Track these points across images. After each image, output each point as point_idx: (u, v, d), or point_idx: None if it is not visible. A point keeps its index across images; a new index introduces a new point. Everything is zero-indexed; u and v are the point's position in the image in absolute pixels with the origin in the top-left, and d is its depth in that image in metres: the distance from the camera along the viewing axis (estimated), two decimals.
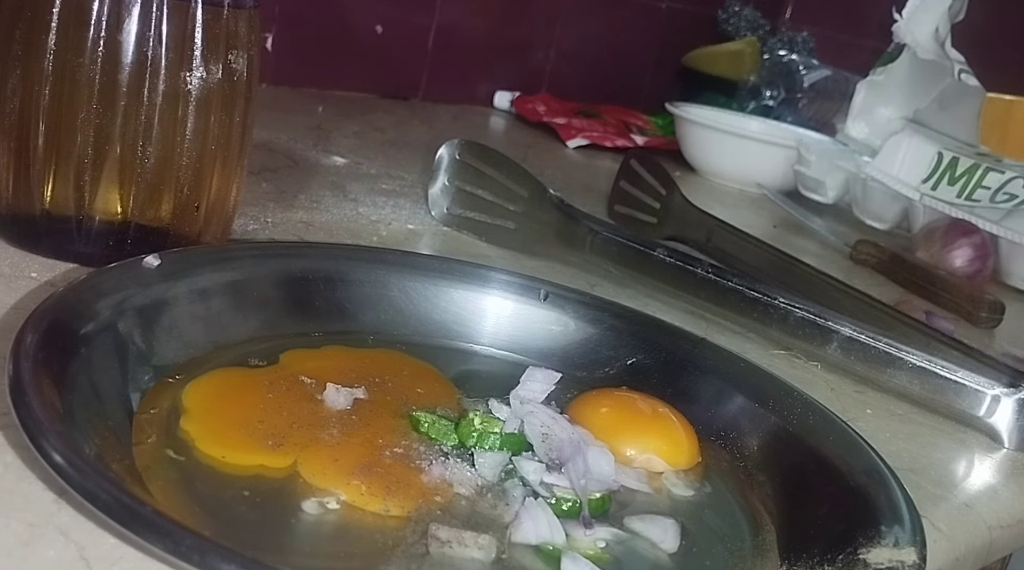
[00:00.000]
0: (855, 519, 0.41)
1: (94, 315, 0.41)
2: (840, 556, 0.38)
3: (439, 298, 0.54)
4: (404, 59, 1.23)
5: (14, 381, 0.34)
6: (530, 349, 0.54)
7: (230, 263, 0.50)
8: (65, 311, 0.40)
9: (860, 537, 0.39)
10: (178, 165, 0.51)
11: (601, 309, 0.56)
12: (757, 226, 0.96)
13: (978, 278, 0.91)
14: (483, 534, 0.37)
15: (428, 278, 0.54)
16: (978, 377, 0.57)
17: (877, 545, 0.38)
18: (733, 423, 0.49)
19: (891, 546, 0.38)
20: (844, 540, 0.39)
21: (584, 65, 1.42)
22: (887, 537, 0.39)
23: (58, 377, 0.36)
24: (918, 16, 1.06)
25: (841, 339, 0.60)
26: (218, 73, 0.51)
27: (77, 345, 0.39)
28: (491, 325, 0.54)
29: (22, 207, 0.51)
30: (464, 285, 0.55)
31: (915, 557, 0.38)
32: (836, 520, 0.42)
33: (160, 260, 0.46)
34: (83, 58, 0.48)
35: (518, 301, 0.55)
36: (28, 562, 0.30)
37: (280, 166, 0.81)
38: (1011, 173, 1.00)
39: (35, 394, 0.34)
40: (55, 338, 0.38)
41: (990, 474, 0.55)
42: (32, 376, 0.35)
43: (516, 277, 0.56)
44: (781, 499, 0.45)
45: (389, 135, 1.04)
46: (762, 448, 0.48)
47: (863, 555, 0.38)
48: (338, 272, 0.53)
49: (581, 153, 1.19)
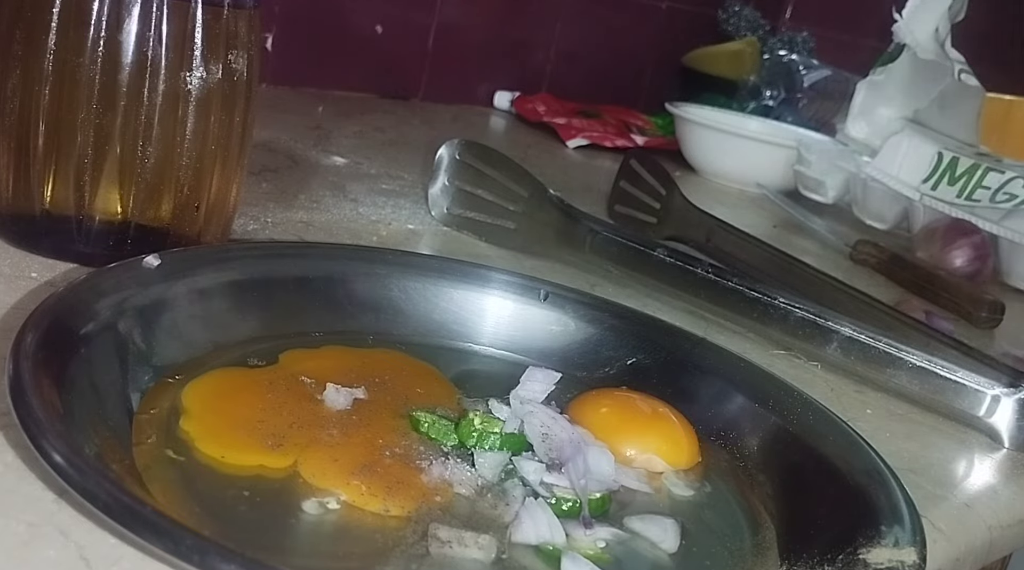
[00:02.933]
0: (855, 519, 0.41)
1: (94, 315, 0.41)
2: (840, 556, 0.38)
3: (439, 298, 0.54)
4: (404, 59, 1.23)
5: (14, 381, 0.34)
6: (530, 349, 0.54)
7: (230, 263, 0.50)
8: (65, 311, 0.40)
9: (860, 537, 0.39)
10: (178, 165, 0.51)
11: (601, 309, 0.56)
12: (757, 226, 0.96)
13: (978, 278, 0.91)
14: (483, 534, 0.37)
15: (428, 278, 0.54)
16: (978, 377, 0.57)
17: (877, 545, 0.38)
18: (733, 423, 0.49)
19: (891, 546, 0.38)
20: (844, 540, 0.39)
21: (584, 65, 1.42)
22: (887, 537, 0.39)
23: (58, 377, 0.36)
24: (918, 16, 1.06)
25: (841, 339, 0.60)
26: (218, 73, 0.51)
27: (77, 345, 0.39)
28: (491, 325, 0.54)
29: (22, 207, 0.51)
30: (464, 285, 0.55)
31: (915, 557, 0.38)
32: (836, 520, 0.42)
33: (160, 260, 0.46)
34: (83, 58, 0.48)
35: (518, 301, 0.55)
36: (28, 562, 0.30)
37: (280, 166, 0.81)
38: (1011, 173, 1.00)
39: (35, 394, 0.34)
40: (55, 338, 0.38)
41: (990, 474, 0.55)
42: (32, 376, 0.35)
43: (516, 277, 0.56)
44: (781, 499, 0.45)
45: (389, 135, 1.04)
46: (762, 448, 0.48)
47: (863, 555, 0.38)
48: (338, 272, 0.53)
49: (581, 153, 1.19)
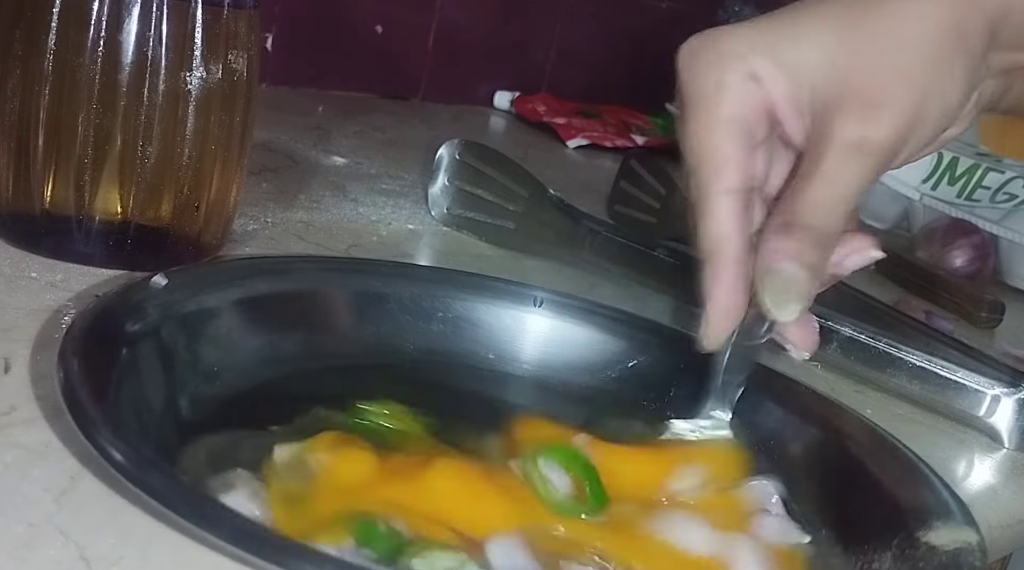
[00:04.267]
0: (907, 514, 0.41)
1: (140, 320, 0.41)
2: (895, 541, 0.39)
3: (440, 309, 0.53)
4: (404, 59, 1.22)
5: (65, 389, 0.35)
6: (527, 357, 0.53)
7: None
8: (111, 315, 0.40)
9: (917, 530, 0.39)
10: (178, 165, 0.51)
11: (598, 313, 0.55)
12: None
13: (978, 278, 0.91)
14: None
15: (425, 287, 0.53)
16: (978, 377, 0.57)
17: (934, 528, 0.39)
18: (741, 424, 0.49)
19: (948, 528, 0.39)
20: (902, 531, 0.39)
21: (584, 65, 1.42)
22: (943, 527, 0.39)
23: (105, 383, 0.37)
24: None
25: (841, 339, 0.60)
26: (218, 73, 0.51)
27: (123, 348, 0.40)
28: (485, 334, 0.53)
29: (22, 207, 0.51)
30: (460, 294, 0.53)
31: (976, 536, 0.38)
32: (888, 517, 0.42)
33: (167, 279, 0.44)
34: (83, 58, 0.48)
35: (511, 308, 0.54)
36: (28, 562, 0.30)
37: (280, 166, 0.80)
38: (1011, 173, 1.00)
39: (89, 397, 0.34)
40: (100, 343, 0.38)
41: (990, 474, 0.55)
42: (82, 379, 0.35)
43: (509, 284, 0.55)
44: (822, 506, 0.44)
45: (389, 135, 1.04)
46: (772, 450, 0.47)
47: (924, 538, 0.38)
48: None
49: (581, 153, 1.19)
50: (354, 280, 0.52)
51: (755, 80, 0.41)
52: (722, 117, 0.42)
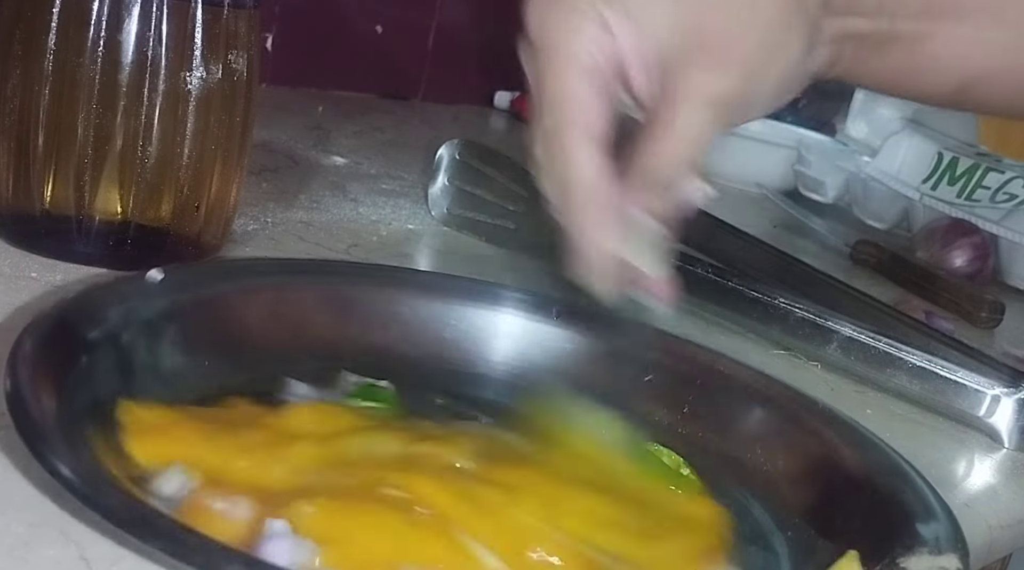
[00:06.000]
0: (891, 527, 0.40)
1: (100, 324, 0.40)
2: (877, 567, 0.37)
3: (449, 317, 0.51)
4: (404, 59, 1.22)
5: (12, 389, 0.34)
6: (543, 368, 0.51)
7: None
8: (71, 314, 0.39)
9: (898, 546, 0.38)
10: (178, 165, 0.51)
11: (615, 325, 0.54)
12: (757, 226, 0.96)
13: (978, 278, 0.91)
14: None
15: (437, 298, 0.52)
16: (978, 377, 0.57)
17: (917, 552, 0.37)
18: (757, 438, 0.47)
19: (931, 553, 0.37)
20: (882, 550, 0.38)
21: None
22: (926, 543, 0.38)
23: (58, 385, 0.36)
24: None
25: (841, 339, 0.60)
26: (218, 73, 0.51)
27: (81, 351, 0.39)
28: (502, 344, 0.52)
29: (22, 207, 0.51)
30: (473, 304, 0.52)
31: (957, 563, 0.37)
32: (871, 529, 0.40)
33: (163, 274, 0.44)
34: (83, 58, 0.48)
35: (529, 319, 0.52)
36: (28, 562, 0.30)
37: (280, 166, 0.80)
38: (1011, 173, 1.00)
39: (34, 401, 0.33)
40: (56, 344, 0.37)
41: (990, 474, 0.55)
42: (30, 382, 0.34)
43: (528, 295, 0.53)
44: (813, 514, 0.43)
45: (389, 135, 1.04)
46: (788, 462, 0.46)
47: (903, 564, 0.37)
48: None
49: None
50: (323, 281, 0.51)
51: (607, 31, 0.42)
52: (581, 62, 0.42)
